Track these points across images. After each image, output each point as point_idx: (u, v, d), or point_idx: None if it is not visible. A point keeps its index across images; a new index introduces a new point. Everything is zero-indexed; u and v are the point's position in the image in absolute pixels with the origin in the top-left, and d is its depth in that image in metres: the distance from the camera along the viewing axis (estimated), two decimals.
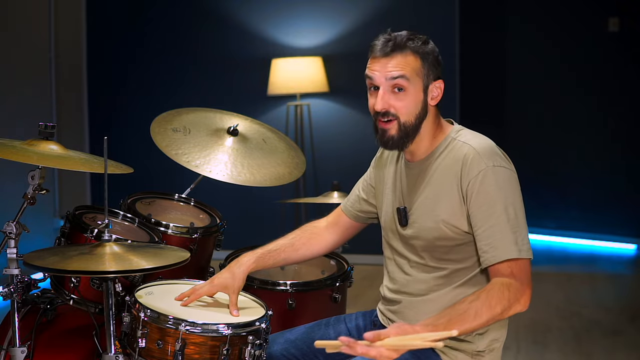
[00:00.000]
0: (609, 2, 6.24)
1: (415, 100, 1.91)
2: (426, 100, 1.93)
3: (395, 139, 1.93)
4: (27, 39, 5.27)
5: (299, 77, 5.33)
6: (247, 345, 1.88)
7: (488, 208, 1.84)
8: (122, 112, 6.05)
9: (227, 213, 2.80)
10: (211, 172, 2.56)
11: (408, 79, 1.89)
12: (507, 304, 1.78)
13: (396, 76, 1.89)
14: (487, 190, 1.84)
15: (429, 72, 1.92)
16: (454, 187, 1.88)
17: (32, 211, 2.11)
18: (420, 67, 1.91)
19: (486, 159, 1.86)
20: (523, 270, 1.81)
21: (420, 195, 1.96)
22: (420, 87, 1.92)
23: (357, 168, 2.41)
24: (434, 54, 1.93)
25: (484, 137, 1.95)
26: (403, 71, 1.89)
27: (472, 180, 1.85)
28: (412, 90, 1.90)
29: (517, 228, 1.83)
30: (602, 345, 3.99)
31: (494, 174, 1.84)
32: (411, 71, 1.90)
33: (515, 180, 1.88)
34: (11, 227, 2.04)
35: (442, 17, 5.51)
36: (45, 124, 2.09)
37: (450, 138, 1.96)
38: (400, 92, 1.90)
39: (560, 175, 6.53)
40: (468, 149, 1.89)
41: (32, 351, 2.16)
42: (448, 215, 1.89)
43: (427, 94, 1.93)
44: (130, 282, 2.13)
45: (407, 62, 1.90)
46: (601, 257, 6.10)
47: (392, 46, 1.90)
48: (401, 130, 1.92)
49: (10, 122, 4.89)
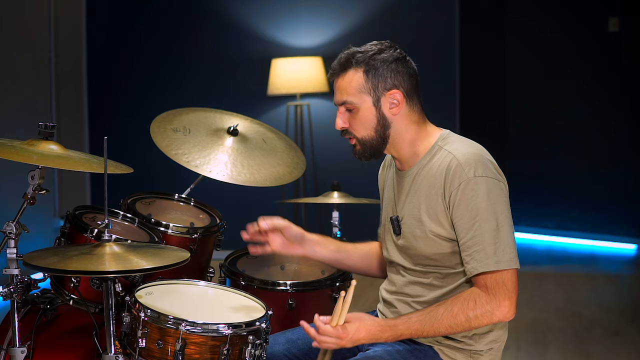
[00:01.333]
0: (609, 2, 6.24)
1: (367, 117, 1.93)
2: (381, 113, 1.93)
3: (361, 152, 1.98)
4: (27, 39, 5.27)
5: (299, 77, 5.33)
6: (247, 345, 1.88)
7: (469, 219, 1.84)
8: (122, 112, 6.05)
9: (227, 213, 2.80)
10: (211, 172, 2.56)
11: (352, 100, 1.92)
12: (472, 315, 1.82)
13: (340, 102, 1.95)
14: (468, 201, 1.84)
15: (378, 84, 1.92)
16: (439, 199, 1.89)
17: (32, 211, 2.11)
18: (363, 83, 1.92)
19: (467, 170, 1.85)
20: (500, 282, 1.82)
21: (409, 205, 1.97)
22: (370, 101, 1.93)
23: (357, 168, 2.41)
24: (386, 64, 1.92)
25: (471, 144, 1.94)
26: (345, 94, 1.93)
27: (454, 191, 1.85)
28: (361, 108, 1.93)
29: (498, 239, 1.83)
30: (602, 345, 3.99)
31: (475, 184, 1.84)
32: (354, 90, 1.92)
33: (499, 190, 1.86)
34: (11, 227, 2.04)
35: (442, 17, 5.51)
36: (45, 124, 2.09)
37: (437, 146, 1.95)
38: (351, 112, 1.94)
39: (561, 175, 6.52)
40: (451, 160, 1.88)
41: (32, 351, 2.16)
42: (435, 224, 1.90)
43: (379, 107, 1.93)
44: (130, 282, 2.13)
45: (349, 83, 1.93)
46: (601, 257, 6.10)
47: (337, 66, 1.95)
48: (363, 145, 1.96)
49: (10, 122, 4.89)
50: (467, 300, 1.83)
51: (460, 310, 1.83)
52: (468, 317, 1.83)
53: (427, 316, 1.85)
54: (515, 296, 1.84)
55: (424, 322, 1.85)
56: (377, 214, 2.21)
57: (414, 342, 1.98)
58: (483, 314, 1.83)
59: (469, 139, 1.98)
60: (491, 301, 1.82)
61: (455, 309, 1.83)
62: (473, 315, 1.82)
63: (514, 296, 1.83)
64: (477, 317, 1.83)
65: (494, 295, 1.82)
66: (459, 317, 1.83)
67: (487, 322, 1.85)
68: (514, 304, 1.84)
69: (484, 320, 1.84)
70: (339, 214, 2.84)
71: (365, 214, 4.34)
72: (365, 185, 4.65)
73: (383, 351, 1.97)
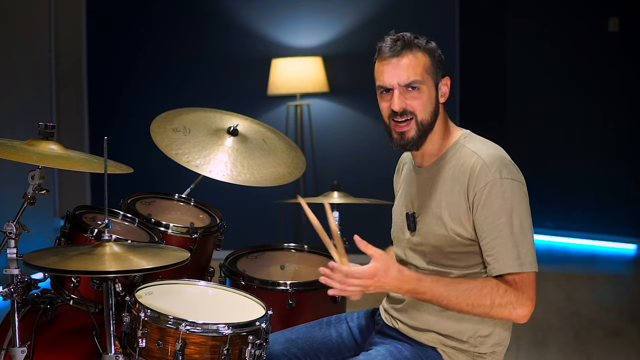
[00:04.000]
0: (609, 2, 6.24)
1: (429, 98, 1.92)
2: (437, 98, 1.94)
3: (414, 139, 1.93)
4: (27, 39, 5.27)
5: (299, 77, 5.33)
6: (247, 345, 1.87)
7: (493, 220, 1.83)
8: (122, 112, 6.05)
9: (227, 213, 2.80)
10: (211, 172, 2.56)
11: (421, 77, 1.90)
12: (498, 302, 1.79)
13: (407, 82, 1.90)
14: (493, 202, 1.83)
15: (437, 69, 1.94)
16: (461, 197, 1.88)
17: (32, 211, 2.11)
18: (430, 65, 1.92)
19: (494, 171, 1.85)
20: (526, 283, 1.82)
21: (428, 202, 1.96)
22: (432, 84, 1.93)
23: (357, 168, 2.41)
24: (438, 52, 1.95)
25: (494, 145, 1.94)
26: (412, 74, 1.90)
27: (479, 192, 1.85)
28: (426, 88, 1.92)
29: (521, 242, 1.82)
30: (602, 345, 3.99)
31: (501, 186, 1.83)
32: (422, 69, 1.91)
33: (523, 193, 1.86)
34: (11, 227, 2.04)
35: (442, 17, 5.51)
36: (45, 124, 2.09)
37: (458, 144, 1.95)
38: (414, 90, 1.91)
39: (561, 175, 6.53)
40: (476, 160, 1.88)
41: (32, 351, 2.15)
42: (455, 223, 1.89)
43: (437, 91, 1.94)
44: (130, 282, 2.13)
45: (418, 60, 1.91)
46: (601, 257, 6.10)
47: (402, 45, 1.90)
48: (419, 128, 1.93)
49: (10, 122, 4.89)
50: (498, 287, 1.81)
51: (489, 293, 1.80)
52: (493, 303, 1.80)
53: (456, 286, 1.82)
54: (535, 300, 1.83)
55: (450, 290, 1.81)
56: (377, 214, 2.21)
57: (417, 343, 1.98)
58: (508, 303, 1.80)
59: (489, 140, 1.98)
60: (519, 296, 1.80)
61: (485, 290, 1.81)
62: (499, 302, 1.80)
63: (534, 299, 1.82)
64: (502, 306, 1.80)
65: (522, 292, 1.81)
66: (485, 299, 1.80)
67: (506, 315, 1.82)
68: (532, 308, 1.82)
69: (505, 311, 1.81)
70: (339, 214, 2.84)
71: (365, 214, 4.34)
72: (365, 185, 4.66)
73: (386, 351, 1.97)
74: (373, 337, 2.10)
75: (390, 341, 2.02)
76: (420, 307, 1.98)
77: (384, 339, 2.05)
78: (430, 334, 1.97)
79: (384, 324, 2.09)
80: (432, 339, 1.97)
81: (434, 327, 1.96)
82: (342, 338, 2.15)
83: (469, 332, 1.94)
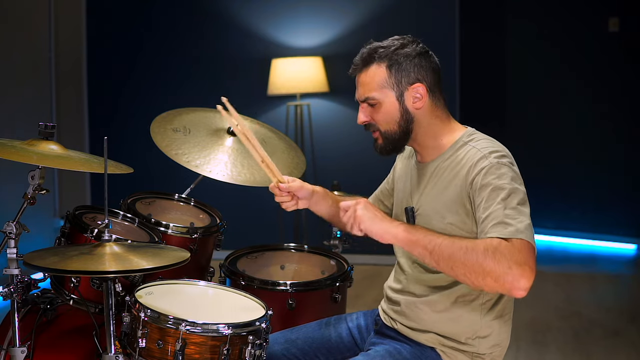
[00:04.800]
0: (609, 2, 6.24)
1: (390, 111, 1.94)
2: (405, 107, 1.94)
3: (382, 146, 1.98)
4: (27, 39, 5.27)
5: (299, 77, 5.33)
6: (247, 345, 1.87)
7: (489, 196, 1.78)
8: (122, 112, 6.05)
9: (227, 213, 2.80)
10: (211, 172, 2.56)
11: (375, 96, 1.94)
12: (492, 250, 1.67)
13: (362, 99, 1.96)
14: (490, 181, 1.80)
15: (401, 79, 1.93)
16: (462, 189, 1.87)
17: (32, 211, 2.11)
18: (386, 78, 1.93)
19: (492, 158, 1.84)
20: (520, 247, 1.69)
21: (428, 196, 1.96)
22: (393, 96, 1.93)
23: (357, 168, 2.41)
24: (410, 58, 1.93)
25: (498, 143, 1.94)
26: (367, 90, 1.94)
27: (477, 176, 1.83)
28: (385, 103, 1.94)
29: (518, 215, 1.74)
30: (602, 346, 3.99)
31: (498, 168, 1.82)
32: (376, 85, 1.93)
33: (519, 179, 1.84)
34: (11, 227, 2.04)
35: (442, 17, 5.51)
36: (45, 124, 2.09)
37: (461, 141, 1.94)
38: (374, 106, 1.96)
39: (561, 175, 6.53)
40: (476, 152, 1.88)
41: (32, 351, 2.16)
42: (454, 217, 1.89)
43: (402, 101, 1.93)
44: (130, 282, 2.13)
45: (372, 77, 1.94)
46: (601, 257, 6.11)
47: (359, 61, 1.97)
48: (386, 138, 1.97)
49: (10, 122, 4.89)
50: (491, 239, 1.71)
51: (482, 241, 1.71)
52: (487, 250, 1.67)
53: (450, 236, 1.76)
54: (535, 270, 1.67)
55: (444, 237, 1.75)
56: None
57: (416, 343, 1.98)
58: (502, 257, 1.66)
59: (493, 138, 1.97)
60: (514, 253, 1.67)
61: (477, 241, 1.72)
62: (492, 250, 1.67)
63: (534, 269, 1.67)
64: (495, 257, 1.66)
65: (517, 252, 1.67)
66: (478, 245, 1.69)
67: (501, 273, 1.65)
68: (531, 277, 1.66)
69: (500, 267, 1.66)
70: None
71: None
72: (365, 185, 4.65)
73: (385, 351, 1.97)
74: (372, 337, 2.10)
75: (389, 341, 2.02)
76: (416, 308, 1.98)
77: (383, 339, 2.05)
78: (429, 335, 1.97)
79: (383, 324, 2.09)
80: (431, 339, 1.97)
81: (432, 328, 1.96)
82: (341, 338, 2.16)
83: (468, 333, 1.94)
